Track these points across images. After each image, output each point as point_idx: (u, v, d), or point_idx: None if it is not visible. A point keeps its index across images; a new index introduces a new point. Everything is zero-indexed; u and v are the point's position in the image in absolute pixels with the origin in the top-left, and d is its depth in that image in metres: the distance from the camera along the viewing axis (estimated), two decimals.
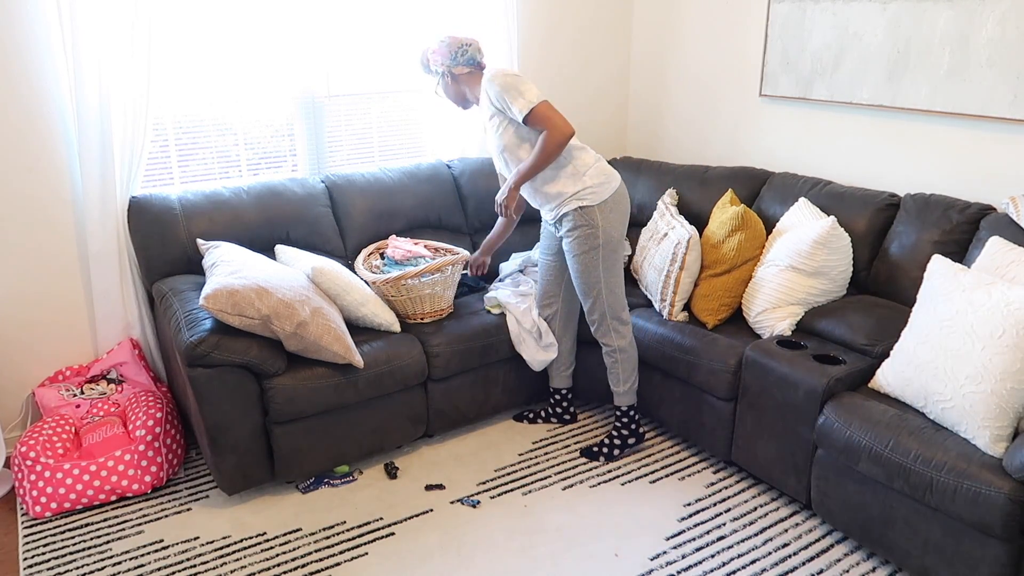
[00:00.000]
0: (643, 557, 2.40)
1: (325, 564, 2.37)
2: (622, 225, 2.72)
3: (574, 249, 2.69)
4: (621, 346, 2.80)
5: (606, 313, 2.75)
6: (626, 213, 2.73)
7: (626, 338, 2.80)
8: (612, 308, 2.75)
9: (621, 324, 2.78)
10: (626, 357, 2.81)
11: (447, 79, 2.74)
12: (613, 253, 2.70)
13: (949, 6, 2.73)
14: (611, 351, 2.81)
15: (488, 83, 2.59)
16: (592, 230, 2.65)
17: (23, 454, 2.54)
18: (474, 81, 2.72)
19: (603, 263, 2.69)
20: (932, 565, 2.12)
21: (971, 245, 2.61)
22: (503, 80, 2.56)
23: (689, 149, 3.91)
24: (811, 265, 2.74)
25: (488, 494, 2.71)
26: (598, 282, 2.71)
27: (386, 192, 3.32)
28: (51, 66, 2.72)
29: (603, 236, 2.66)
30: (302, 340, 2.49)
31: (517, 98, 2.53)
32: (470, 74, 2.71)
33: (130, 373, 2.96)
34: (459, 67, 2.69)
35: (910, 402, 2.27)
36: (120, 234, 2.89)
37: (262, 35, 3.14)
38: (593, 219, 2.64)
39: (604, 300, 2.74)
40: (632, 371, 2.84)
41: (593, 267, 2.69)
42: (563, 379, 3.11)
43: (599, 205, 2.64)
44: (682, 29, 3.81)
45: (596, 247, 2.66)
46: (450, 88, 2.76)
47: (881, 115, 3.06)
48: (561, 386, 3.12)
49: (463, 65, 2.69)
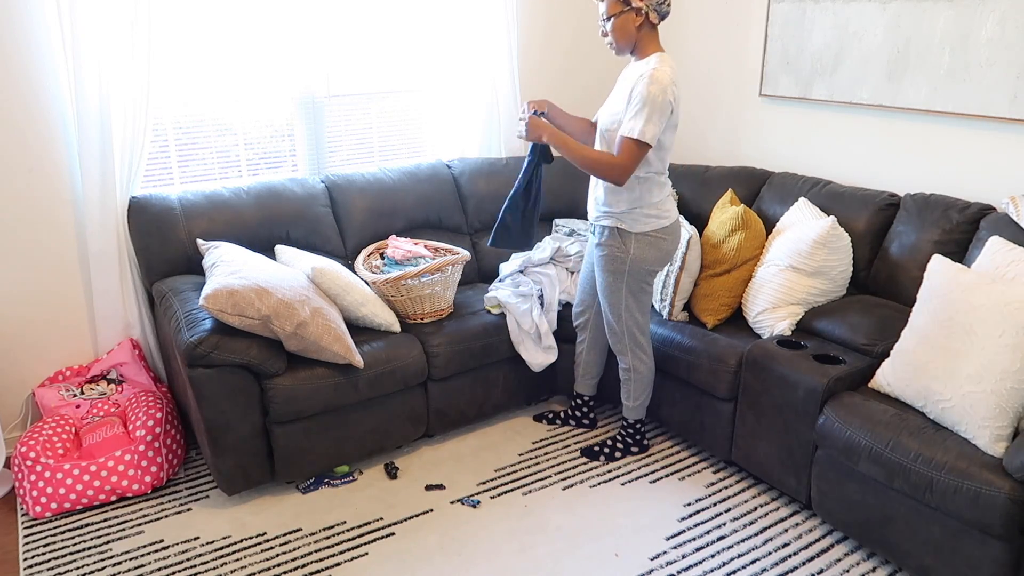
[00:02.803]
0: (643, 557, 2.40)
1: (325, 564, 2.37)
2: (658, 262, 2.60)
3: (601, 264, 2.65)
4: (636, 367, 2.77)
5: (624, 333, 2.72)
6: (668, 253, 2.61)
7: (643, 361, 2.77)
8: (631, 331, 2.71)
9: (639, 348, 2.75)
10: (640, 377, 2.79)
11: (636, 15, 2.41)
12: (641, 283, 2.63)
13: (949, 6, 2.73)
14: (626, 369, 2.80)
15: (647, 80, 2.36)
16: (621, 254, 2.58)
17: (23, 454, 2.54)
18: (650, 42, 2.47)
19: (627, 288, 2.63)
20: (932, 565, 2.12)
21: (971, 245, 2.61)
22: (663, 97, 2.35)
23: (689, 148, 3.91)
24: (811, 265, 2.74)
25: (488, 494, 2.71)
26: (620, 303, 2.66)
27: (386, 192, 3.32)
28: (51, 66, 2.72)
29: (631, 265, 2.58)
30: (302, 340, 2.49)
31: (645, 121, 2.35)
32: (652, 30, 2.46)
33: (130, 373, 2.96)
34: (655, 13, 2.43)
35: (910, 402, 2.27)
36: (120, 234, 2.89)
37: (262, 35, 3.14)
38: (625, 244, 2.57)
39: (624, 322, 2.70)
40: (644, 391, 2.82)
41: (616, 288, 2.64)
42: (588, 386, 3.09)
43: (636, 235, 2.56)
44: (682, 29, 3.81)
45: (622, 272, 2.60)
46: (630, 24, 2.42)
47: (881, 115, 3.06)
48: (585, 392, 3.10)
49: (659, 14, 2.44)
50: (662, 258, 2.61)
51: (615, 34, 2.46)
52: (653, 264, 2.60)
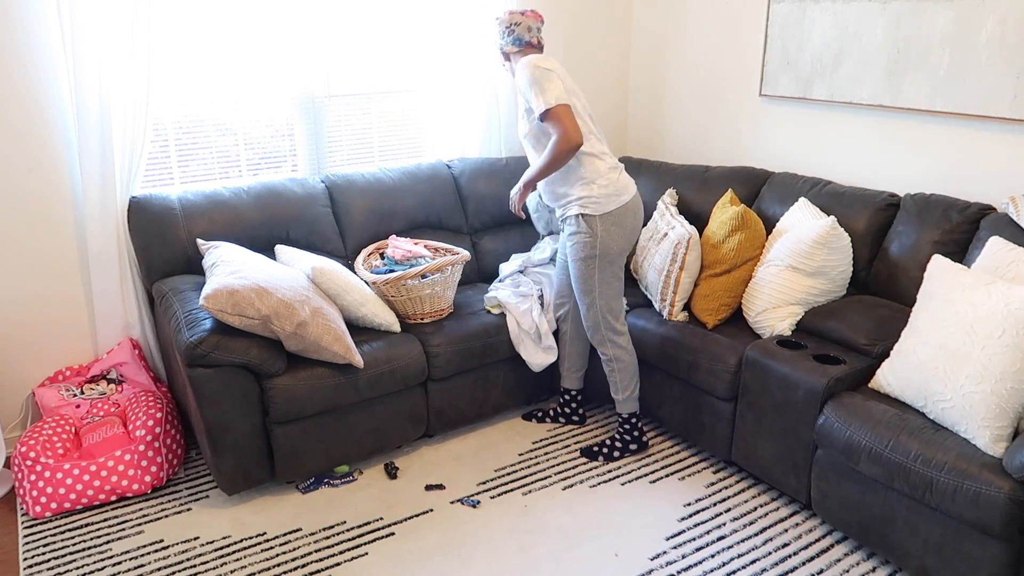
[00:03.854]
0: (643, 557, 2.40)
1: (325, 564, 2.37)
2: (625, 240, 2.67)
3: (571, 253, 2.70)
4: (617, 355, 2.79)
5: (599, 322, 2.74)
6: (634, 229, 2.68)
7: (623, 347, 2.79)
8: (606, 318, 2.74)
9: (615, 334, 2.77)
10: (623, 366, 2.80)
11: (507, 59, 2.75)
12: (610, 265, 2.67)
13: (949, 6, 2.73)
14: (607, 359, 2.81)
15: (521, 69, 2.56)
16: (590, 239, 2.63)
17: (23, 454, 2.54)
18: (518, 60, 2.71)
19: (599, 273, 2.67)
20: (932, 565, 2.12)
21: (971, 245, 2.61)
22: (533, 72, 2.51)
23: (689, 149, 3.91)
24: (811, 265, 2.74)
25: (488, 494, 2.71)
26: (592, 290, 2.70)
27: (386, 192, 3.32)
28: (51, 66, 2.72)
29: (600, 247, 2.63)
30: (302, 340, 2.49)
31: (539, 94, 2.49)
32: (519, 52, 2.69)
33: (130, 373, 2.96)
34: (508, 46, 2.70)
35: (910, 402, 2.27)
36: (120, 234, 2.89)
37: (262, 35, 3.14)
38: (592, 228, 2.62)
39: (598, 308, 2.72)
40: (630, 380, 2.83)
41: (589, 275, 2.68)
42: (574, 380, 3.10)
43: (600, 216, 2.61)
44: (682, 29, 3.81)
45: (593, 256, 2.64)
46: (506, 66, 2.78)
47: (881, 115, 3.06)
48: (571, 387, 3.11)
49: (511, 44, 2.69)
50: (628, 236, 2.68)
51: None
52: (621, 243, 2.66)
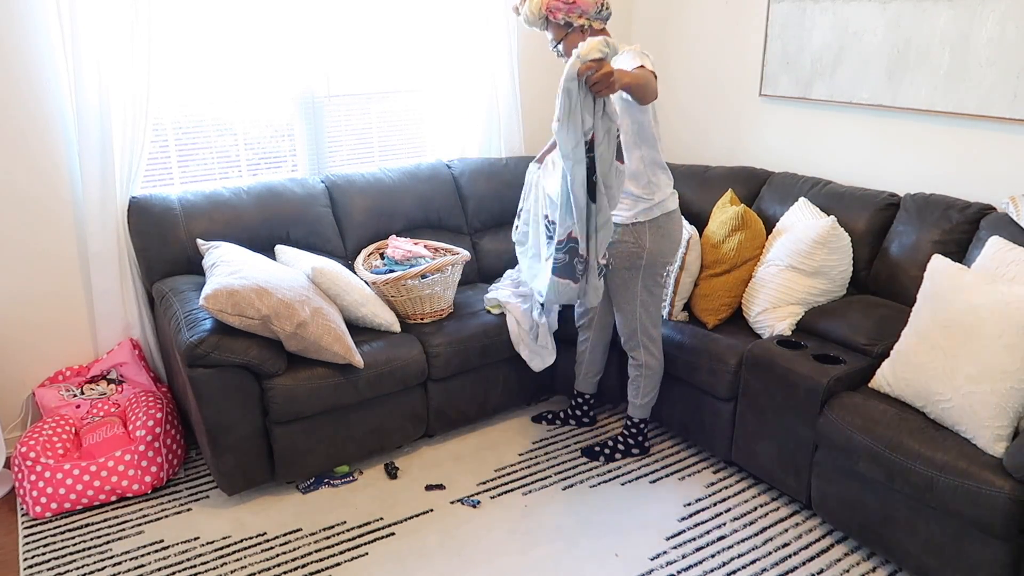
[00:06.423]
0: (643, 557, 2.40)
1: (325, 564, 2.37)
2: (670, 253, 2.63)
3: (616, 262, 2.64)
4: (648, 362, 2.77)
5: (637, 329, 2.73)
6: (676, 243, 2.64)
7: (655, 356, 2.77)
8: (644, 326, 2.72)
9: (651, 341, 2.75)
10: (651, 373, 2.79)
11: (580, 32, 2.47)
12: (656, 276, 2.64)
13: (949, 6, 2.73)
14: (638, 365, 2.79)
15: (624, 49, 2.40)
16: (637, 248, 2.58)
17: (23, 454, 2.54)
18: None
19: (642, 283, 2.64)
20: (932, 565, 2.12)
21: (971, 245, 2.61)
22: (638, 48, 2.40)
23: (689, 149, 3.91)
24: (811, 265, 2.74)
25: (488, 494, 2.71)
26: (634, 299, 2.67)
27: (386, 192, 3.32)
28: (51, 66, 2.72)
29: (647, 259, 2.59)
30: (302, 340, 2.49)
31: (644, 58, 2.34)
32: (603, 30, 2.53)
33: (130, 373, 2.96)
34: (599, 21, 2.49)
35: (910, 402, 2.27)
36: (120, 234, 2.89)
37: (262, 35, 3.14)
38: (640, 239, 2.57)
39: (638, 317, 2.70)
40: (653, 387, 2.82)
41: (631, 284, 2.64)
42: (589, 384, 3.09)
43: (649, 223, 2.57)
44: (682, 29, 3.81)
45: (639, 267, 2.61)
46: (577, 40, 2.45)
47: (881, 115, 3.06)
48: (586, 391, 3.10)
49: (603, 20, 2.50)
50: (673, 248, 2.64)
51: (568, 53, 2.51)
52: (667, 255, 2.62)
